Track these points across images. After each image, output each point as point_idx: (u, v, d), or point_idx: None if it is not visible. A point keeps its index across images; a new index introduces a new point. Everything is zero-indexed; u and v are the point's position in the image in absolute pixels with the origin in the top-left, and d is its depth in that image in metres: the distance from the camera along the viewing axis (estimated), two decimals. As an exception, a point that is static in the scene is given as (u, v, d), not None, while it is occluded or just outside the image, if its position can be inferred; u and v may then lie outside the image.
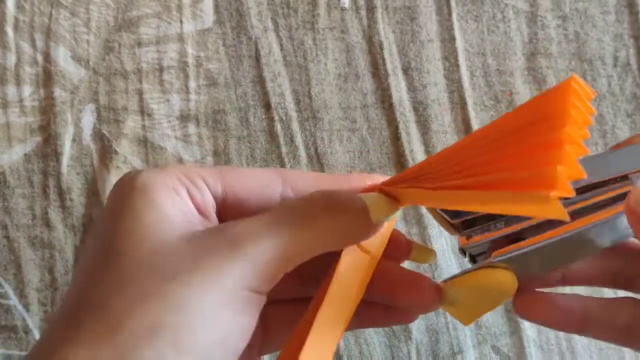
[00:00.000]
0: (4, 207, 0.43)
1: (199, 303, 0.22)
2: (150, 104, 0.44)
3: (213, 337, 0.22)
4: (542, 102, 0.23)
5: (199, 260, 0.23)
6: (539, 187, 0.19)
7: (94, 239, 0.25)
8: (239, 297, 0.23)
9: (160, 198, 0.25)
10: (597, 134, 0.44)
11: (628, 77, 0.45)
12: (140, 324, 0.22)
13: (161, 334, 0.22)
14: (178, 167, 0.27)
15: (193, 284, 0.22)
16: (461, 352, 0.41)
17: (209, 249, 0.23)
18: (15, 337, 0.41)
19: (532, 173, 0.20)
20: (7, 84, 0.44)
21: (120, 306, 0.22)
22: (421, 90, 0.44)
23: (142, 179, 0.25)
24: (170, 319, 0.22)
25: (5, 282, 0.42)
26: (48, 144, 0.43)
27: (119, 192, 0.26)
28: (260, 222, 0.24)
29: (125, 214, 0.24)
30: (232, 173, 0.27)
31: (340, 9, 0.45)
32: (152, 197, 0.25)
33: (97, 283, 0.23)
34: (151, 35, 0.45)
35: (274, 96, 0.44)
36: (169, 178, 0.26)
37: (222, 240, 0.23)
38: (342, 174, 0.29)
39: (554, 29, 0.45)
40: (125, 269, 0.23)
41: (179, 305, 0.22)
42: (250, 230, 0.24)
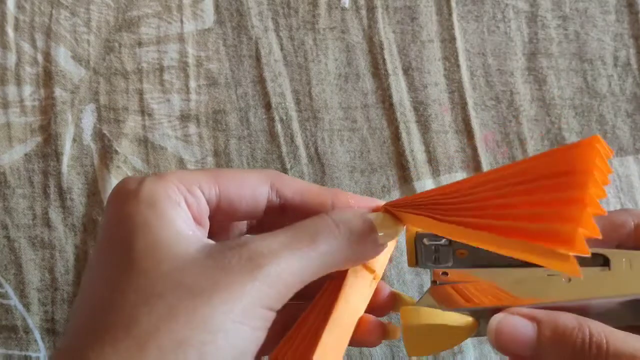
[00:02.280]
0: (5, 207, 0.43)
1: (222, 320, 0.23)
2: (151, 104, 0.44)
3: (234, 353, 0.23)
4: (565, 156, 0.24)
5: (222, 278, 0.24)
6: (558, 242, 0.20)
7: (111, 253, 0.25)
8: (257, 314, 0.24)
9: (168, 211, 0.25)
10: (597, 134, 0.44)
11: (628, 77, 0.45)
12: (169, 340, 0.22)
13: (188, 351, 0.22)
14: (174, 175, 0.27)
15: (217, 301, 0.23)
16: (461, 352, 0.41)
17: (231, 267, 0.24)
18: (16, 337, 0.41)
19: (552, 228, 0.21)
20: (8, 84, 0.44)
21: (149, 322, 0.23)
22: (421, 90, 0.44)
23: (146, 190, 0.26)
24: (197, 335, 0.22)
25: (6, 282, 0.42)
26: (48, 144, 0.43)
27: (123, 203, 0.26)
28: (278, 241, 0.25)
29: (139, 229, 0.25)
30: (224, 178, 0.28)
31: (341, 9, 0.45)
32: (160, 210, 0.25)
33: (124, 299, 0.23)
34: (152, 35, 0.45)
35: (274, 96, 0.44)
36: (170, 188, 0.26)
37: (243, 259, 0.24)
38: (327, 189, 0.30)
39: (554, 29, 0.45)
40: (151, 286, 0.23)
41: (204, 322, 0.23)
42: (270, 250, 0.24)
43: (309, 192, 0.29)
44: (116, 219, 0.26)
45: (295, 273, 0.25)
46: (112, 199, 0.27)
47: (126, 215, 0.25)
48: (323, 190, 0.30)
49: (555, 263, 0.20)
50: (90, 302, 0.25)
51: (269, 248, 0.24)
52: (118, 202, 0.26)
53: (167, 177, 0.27)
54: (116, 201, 0.26)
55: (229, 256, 0.24)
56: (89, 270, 0.26)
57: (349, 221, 0.27)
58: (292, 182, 0.29)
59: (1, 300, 0.42)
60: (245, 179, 0.28)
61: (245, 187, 0.28)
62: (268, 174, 0.29)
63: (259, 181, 0.29)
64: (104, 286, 0.25)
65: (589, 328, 0.26)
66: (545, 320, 0.27)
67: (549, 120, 0.44)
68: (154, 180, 0.26)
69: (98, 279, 0.25)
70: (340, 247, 0.26)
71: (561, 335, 0.26)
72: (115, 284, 0.24)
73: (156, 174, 0.27)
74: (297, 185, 0.29)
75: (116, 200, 0.26)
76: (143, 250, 0.24)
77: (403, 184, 0.43)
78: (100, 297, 0.24)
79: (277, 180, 0.29)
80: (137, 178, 0.27)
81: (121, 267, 0.24)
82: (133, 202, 0.26)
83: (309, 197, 0.29)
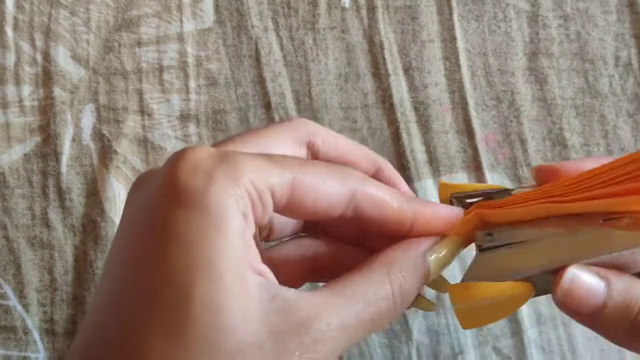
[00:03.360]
0: (4, 207, 0.43)
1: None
2: (150, 104, 0.44)
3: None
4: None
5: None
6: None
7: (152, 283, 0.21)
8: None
9: (236, 239, 0.21)
10: (598, 134, 0.44)
11: (629, 77, 0.44)
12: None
13: None
14: (249, 171, 0.22)
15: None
16: (462, 353, 0.41)
17: (290, 353, 0.21)
18: (15, 338, 0.41)
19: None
20: (7, 84, 0.44)
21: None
22: (422, 90, 0.44)
23: (215, 196, 0.21)
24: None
25: (5, 283, 0.42)
26: (48, 144, 0.43)
27: (182, 206, 0.21)
28: (340, 322, 0.23)
29: (201, 267, 0.21)
30: (303, 184, 0.24)
31: (341, 8, 0.45)
32: (228, 237, 0.21)
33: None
34: (151, 35, 0.45)
35: (274, 96, 0.44)
36: (242, 196, 0.22)
37: (303, 345, 0.22)
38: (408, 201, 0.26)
39: (555, 29, 0.45)
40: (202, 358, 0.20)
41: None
42: (332, 335, 0.22)
43: (389, 209, 0.25)
44: (168, 229, 0.21)
45: (345, 347, 0.23)
46: (166, 189, 0.22)
47: (184, 232, 0.21)
48: (405, 205, 0.26)
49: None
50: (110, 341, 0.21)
51: (330, 333, 0.22)
52: (174, 199, 0.21)
53: (241, 176, 0.22)
54: (172, 197, 0.21)
55: (290, 342, 0.21)
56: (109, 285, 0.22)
57: (407, 286, 0.25)
58: (375, 192, 0.25)
59: (0, 300, 0.42)
60: (326, 190, 0.24)
61: (322, 200, 0.24)
62: (351, 181, 0.25)
63: (340, 193, 0.24)
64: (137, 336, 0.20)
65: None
66: (616, 283, 0.26)
67: (550, 120, 0.44)
68: (225, 179, 0.22)
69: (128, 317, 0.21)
70: (391, 313, 0.24)
71: (628, 302, 0.26)
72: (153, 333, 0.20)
73: (227, 162, 0.22)
74: (379, 197, 0.25)
75: (172, 196, 0.21)
76: (204, 306, 0.20)
77: (403, 185, 0.43)
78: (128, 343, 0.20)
79: (359, 191, 0.25)
80: (206, 160, 0.22)
81: (171, 324, 0.20)
82: (195, 211, 0.21)
83: (388, 215, 0.26)
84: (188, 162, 0.22)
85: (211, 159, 0.22)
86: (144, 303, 0.21)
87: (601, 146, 0.44)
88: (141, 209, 0.23)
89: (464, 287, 0.27)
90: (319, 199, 0.24)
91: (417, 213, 0.26)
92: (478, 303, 0.27)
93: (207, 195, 0.21)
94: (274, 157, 0.24)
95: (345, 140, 0.30)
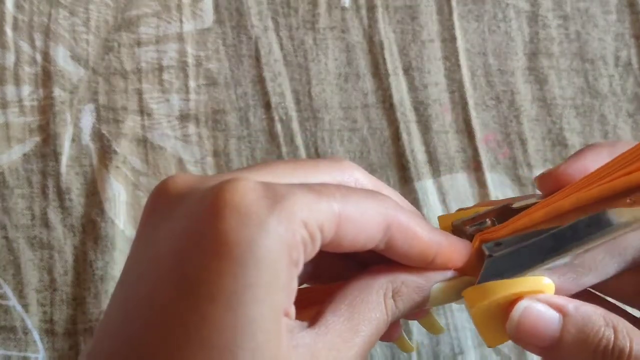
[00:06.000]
0: (3, 207, 0.42)
1: None
2: (150, 104, 0.44)
3: None
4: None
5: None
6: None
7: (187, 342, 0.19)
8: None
9: (282, 298, 0.20)
10: (598, 134, 0.44)
11: (629, 77, 0.44)
12: None
13: None
14: (302, 209, 0.21)
15: None
16: (462, 353, 0.41)
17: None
18: (15, 338, 0.41)
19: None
20: (6, 84, 0.44)
21: None
22: (422, 90, 0.44)
23: (266, 249, 0.19)
24: None
25: (4, 283, 0.42)
26: (47, 144, 0.43)
27: (227, 245, 0.19)
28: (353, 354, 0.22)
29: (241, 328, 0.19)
30: (346, 218, 0.22)
31: (341, 8, 0.45)
32: (276, 296, 0.20)
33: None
34: (151, 35, 0.44)
35: (274, 96, 0.44)
36: (294, 242, 0.20)
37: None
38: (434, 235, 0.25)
39: (555, 29, 0.45)
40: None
41: None
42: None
43: (418, 243, 0.25)
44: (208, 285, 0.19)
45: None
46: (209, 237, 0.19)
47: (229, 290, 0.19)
48: (431, 239, 0.25)
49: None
50: None
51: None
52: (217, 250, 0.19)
53: (294, 220, 0.20)
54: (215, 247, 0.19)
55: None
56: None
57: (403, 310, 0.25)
58: (407, 225, 0.24)
59: (0, 300, 0.42)
60: (367, 222, 0.23)
61: (362, 233, 0.23)
62: (389, 211, 0.24)
63: (377, 226, 0.23)
64: None
65: (615, 329, 0.24)
66: (573, 315, 0.25)
67: (550, 120, 0.44)
68: (279, 226, 0.19)
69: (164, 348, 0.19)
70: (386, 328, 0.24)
71: (586, 334, 0.24)
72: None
73: (278, 205, 0.20)
74: (410, 230, 0.24)
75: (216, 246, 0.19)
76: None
77: (403, 185, 0.43)
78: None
79: (394, 222, 0.24)
80: (255, 204, 0.20)
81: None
82: (244, 266, 0.19)
83: (415, 247, 0.25)
84: (235, 206, 0.20)
85: (261, 202, 0.20)
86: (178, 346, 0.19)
87: (601, 146, 0.44)
88: (167, 250, 0.20)
89: (479, 288, 0.26)
90: (360, 232, 0.23)
91: (440, 247, 0.25)
92: (497, 306, 0.25)
93: (256, 247, 0.19)
94: (317, 188, 0.22)
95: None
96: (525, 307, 0.25)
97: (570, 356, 0.25)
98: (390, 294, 0.24)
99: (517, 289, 0.25)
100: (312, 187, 0.22)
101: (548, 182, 0.29)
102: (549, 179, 0.28)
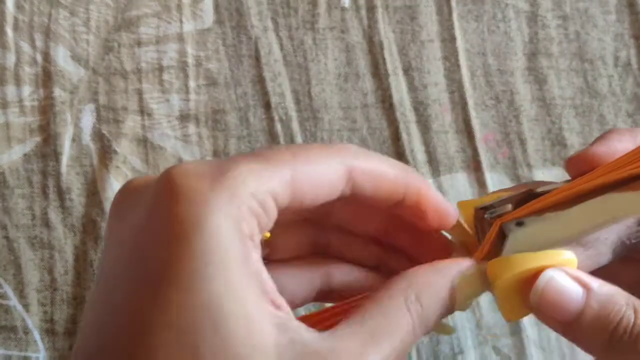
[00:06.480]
0: (4, 207, 0.43)
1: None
2: (150, 104, 0.44)
3: None
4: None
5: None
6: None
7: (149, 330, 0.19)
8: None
9: (239, 276, 0.19)
10: (597, 134, 0.44)
11: (629, 77, 0.45)
12: None
13: None
14: (248, 184, 0.20)
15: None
16: (462, 352, 0.41)
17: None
18: (15, 338, 0.41)
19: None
20: (7, 84, 0.44)
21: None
22: (422, 90, 0.44)
23: (210, 226, 0.19)
24: None
25: (5, 283, 0.42)
26: (47, 144, 0.43)
27: (177, 229, 0.19)
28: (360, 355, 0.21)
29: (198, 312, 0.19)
30: (301, 176, 0.22)
31: (341, 8, 0.45)
32: (229, 275, 0.19)
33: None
34: (151, 35, 0.45)
35: (274, 96, 0.44)
36: (241, 214, 0.20)
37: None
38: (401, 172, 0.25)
39: (554, 29, 0.45)
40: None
41: None
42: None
43: (384, 181, 0.24)
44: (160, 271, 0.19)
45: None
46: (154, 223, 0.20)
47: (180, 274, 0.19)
48: (398, 177, 0.25)
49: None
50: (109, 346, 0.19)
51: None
52: (164, 235, 0.19)
53: (239, 193, 0.20)
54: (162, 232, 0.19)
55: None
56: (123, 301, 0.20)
57: (428, 317, 0.23)
58: (369, 166, 0.24)
59: (0, 300, 0.42)
60: (324, 174, 0.23)
61: (322, 186, 0.23)
62: (346, 159, 0.23)
63: (337, 175, 0.23)
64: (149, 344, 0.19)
65: (636, 311, 0.24)
66: (596, 292, 0.24)
67: (549, 120, 0.44)
68: (222, 201, 0.19)
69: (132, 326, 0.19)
70: (413, 341, 0.23)
71: (608, 312, 0.24)
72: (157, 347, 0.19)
73: (221, 180, 0.20)
74: (373, 170, 0.24)
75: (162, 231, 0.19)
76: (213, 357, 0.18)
77: (403, 184, 0.43)
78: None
79: (354, 167, 0.23)
80: (197, 182, 0.20)
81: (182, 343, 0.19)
82: (191, 248, 0.19)
83: (382, 187, 0.24)
84: (177, 187, 0.20)
85: (203, 180, 0.20)
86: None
87: (600, 146, 0.44)
88: (129, 246, 0.21)
89: (504, 260, 0.25)
90: (318, 188, 0.23)
91: (407, 180, 0.25)
92: (522, 280, 0.25)
93: (203, 227, 0.19)
94: (266, 154, 0.22)
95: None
96: (550, 278, 0.24)
97: (589, 333, 0.25)
98: (413, 297, 0.23)
99: (542, 262, 0.25)
100: (259, 155, 0.22)
101: (577, 164, 0.28)
102: (578, 161, 0.28)
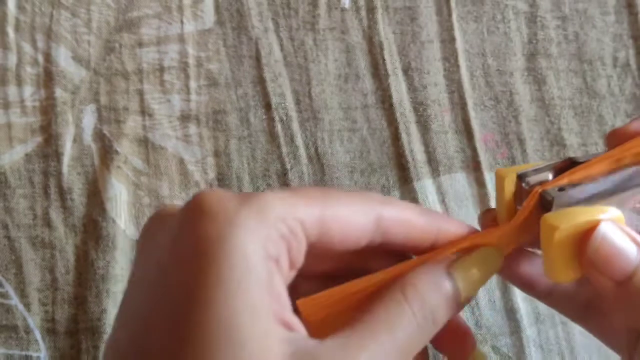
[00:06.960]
0: (5, 207, 0.43)
1: None
2: (151, 104, 0.44)
3: None
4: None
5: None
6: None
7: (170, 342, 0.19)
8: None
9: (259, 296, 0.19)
10: (596, 134, 0.44)
11: (627, 78, 0.45)
12: None
13: None
14: (276, 208, 0.21)
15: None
16: (461, 351, 0.41)
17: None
18: (16, 337, 0.41)
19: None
20: (8, 85, 0.44)
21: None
22: (421, 90, 0.44)
23: (236, 244, 0.19)
24: None
25: (6, 282, 0.42)
26: (49, 144, 0.43)
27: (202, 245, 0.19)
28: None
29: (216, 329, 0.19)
30: (331, 213, 0.22)
31: (341, 9, 0.45)
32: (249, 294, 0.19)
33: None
34: (152, 36, 0.45)
35: (274, 96, 0.44)
36: (269, 235, 0.20)
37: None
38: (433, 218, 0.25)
39: (553, 30, 0.45)
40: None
41: None
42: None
43: (414, 229, 0.24)
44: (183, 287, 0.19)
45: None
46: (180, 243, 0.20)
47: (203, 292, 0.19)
48: (428, 224, 0.25)
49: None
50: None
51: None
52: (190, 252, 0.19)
53: (268, 215, 0.20)
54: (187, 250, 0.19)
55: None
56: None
57: (427, 302, 0.23)
58: (399, 215, 0.24)
59: (2, 300, 0.42)
60: (353, 217, 0.23)
61: (351, 228, 0.23)
62: (375, 206, 0.24)
63: (366, 220, 0.23)
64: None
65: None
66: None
67: (548, 120, 0.44)
68: (250, 221, 0.20)
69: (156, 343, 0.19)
70: (421, 335, 0.23)
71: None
72: None
73: (250, 203, 0.20)
74: (403, 219, 0.24)
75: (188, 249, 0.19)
76: None
77: (403, 185, 0.43)
78: None
79: (384, 216, 0.24)
80: (226, 204, 0.20)
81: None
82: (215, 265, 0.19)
83: (412, 235, 0.24)
84: (204, 206, 0.20)
85: (231, 201, 0.20)
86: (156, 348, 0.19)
87: (599, 146, 0.44)
88: (154, 266, 0.21)
89: (561, 213, 0.24)
90: (347, 229, 0.23)
91: (439, 226, 0.25)
92: (578, 232, 0.24)
93: (228, 243, 0.19)
94: (295, 189, 0.22)
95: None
96: (606, 232, 0.24)
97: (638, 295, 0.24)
98: (411, 289, 0.23)
99: (597, 215, 0.24)
100: (289, 189, 0.22)
101: (617, 138, 0.28)
102: (618, 135, 0.28)
